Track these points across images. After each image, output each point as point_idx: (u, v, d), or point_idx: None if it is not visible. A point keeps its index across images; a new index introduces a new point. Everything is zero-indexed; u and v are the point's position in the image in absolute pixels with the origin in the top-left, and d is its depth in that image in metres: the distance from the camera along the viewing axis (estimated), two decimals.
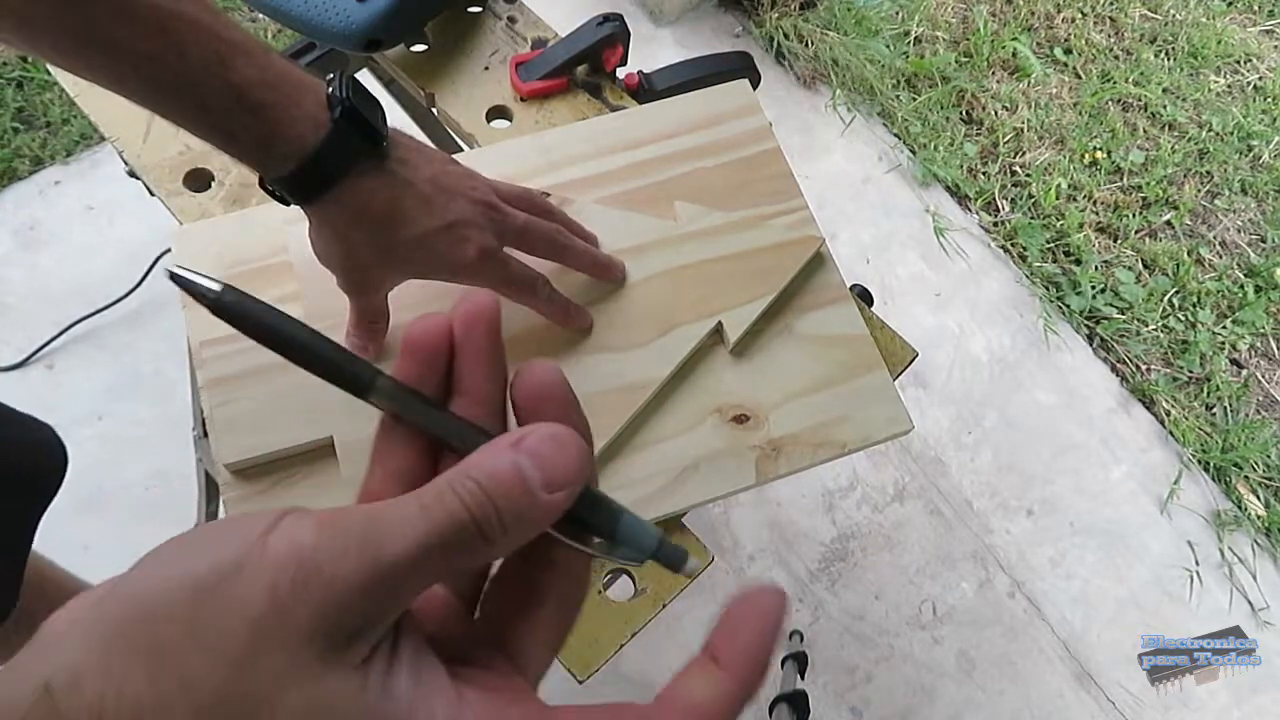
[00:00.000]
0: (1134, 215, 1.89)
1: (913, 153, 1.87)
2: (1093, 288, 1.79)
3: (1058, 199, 1.87)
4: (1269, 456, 1.69)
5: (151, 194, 0.71)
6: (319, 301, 0.63)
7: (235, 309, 0.27)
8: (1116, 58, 2.09)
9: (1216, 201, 1.95)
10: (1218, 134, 2.02)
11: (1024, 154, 1.92)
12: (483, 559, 0.23)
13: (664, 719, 0.24)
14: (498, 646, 0.26)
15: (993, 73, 2.02)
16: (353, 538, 0.21)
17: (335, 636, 0.20)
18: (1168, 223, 1.91)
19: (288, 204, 0.53)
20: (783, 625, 0.26)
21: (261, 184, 0.52)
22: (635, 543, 0.26)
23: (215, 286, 0.27)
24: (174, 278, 0.27)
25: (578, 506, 0.25)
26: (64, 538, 1.10)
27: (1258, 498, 1.66)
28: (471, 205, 0.55)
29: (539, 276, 0.60)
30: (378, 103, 0.52)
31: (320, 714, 0.20)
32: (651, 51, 1.84)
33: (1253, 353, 1.81)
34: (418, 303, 0.61)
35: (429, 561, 0.21)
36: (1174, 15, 2.17)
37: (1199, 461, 1.67)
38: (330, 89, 0.50)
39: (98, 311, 1.42)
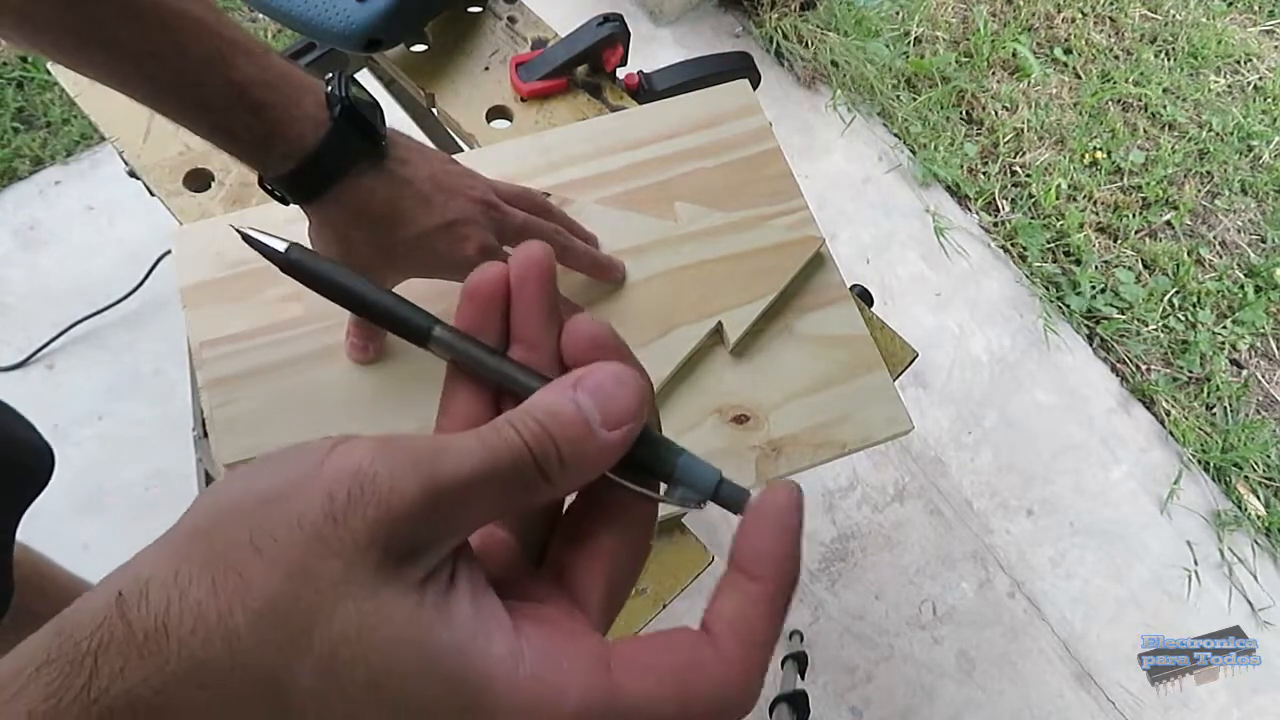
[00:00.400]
0: (1134, 215, 1.89)
1: (913, 153, 1.87)
2: (1093, 288, 1.79)
3: (1058, 199, 1.87)
4: (1269, 456, 1.69)
5: (151, 194, 0.71)
6: (318, 302, 0.63)
7: (302, 266, 0.28)
8: (1116, 58, 2.09)
9: (1216, 201, 1.95)
10: (1218, 134, 2.02)
11: (1024, 154, 1.92)
12: (543, 497, 0.23)
13: (714, 639, 0.24)
14: (560, 591, 0.25)
15: (993, 73, 2.02)
16: (410, 457, 0.21)
17: (391, 550, 0.20)
18: (1168, 223, 1.91)
19: (287, 203, 0.53)
20: (802, 514, 0.26)
21: (261, 183, 0.52)
22: (694, 483, 0.26)
23: (282, 245, 0.28)
24: (245, 238, 0.29)
25: (637, 448, 0.25)
26: (64, 538, 1.10)
27: (1258, 498, 1.66)
28: (471, 204, 0.55)
29: None
30: (376, 103, 0.52)
31: (374, 627, 0.20)
32: (651, 51, 1.84)
33: (1253, 353, 1.82)
34: (418, 299, 0.61)
35: (487, 491, 0.22)
36: (1174, 15, 2.17)
37: (1199, 461, 1.67)
38: (329, 89, 0.50)
39: (98, 312, 1.42)
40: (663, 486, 0.26)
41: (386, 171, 0.52)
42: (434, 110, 0.80)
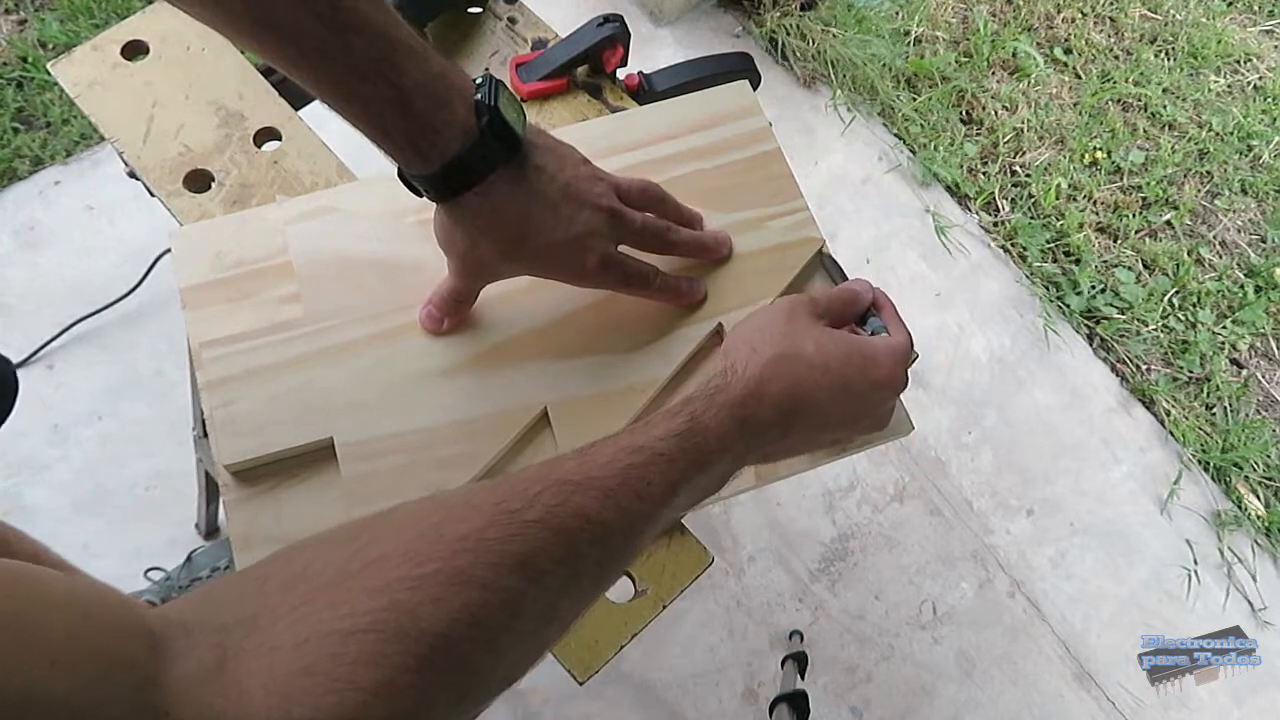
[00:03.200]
0: (1134, 215, 1.89)
1: (913, 153, 1.87)
2: (1093, 288, 1.79)
3: (1058, 199, 1.87)
4: (1269, 456, 1.69)
5: (151, 194, 0.71)
6: (318, 302, 0.64)
7: None
8: (1116, 58, 2.09)
9: (1216, 201, 1.95)
10: (1218, 134, 2.02)
11: (1024, 154, 1.92)
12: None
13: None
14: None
15: (993, 73, 2.02)
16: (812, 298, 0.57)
17: (816, 317, 0.56)
18: (1168, 223, 1.91)
19: (421, 195, 0.55)
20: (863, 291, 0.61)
21: (401, 175, 0.55)
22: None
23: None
24: None
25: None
26: (64, 537, 1.10)
27: (1258, 498, 1.66)
28: (596, 213, 0.57)
29: (651, 270, 0.62)
30: (520, 105, 0.54)
31: (828, 337, 0.54)
32: (651, 52, 1.84)
33: (1253, 353, 1.82)
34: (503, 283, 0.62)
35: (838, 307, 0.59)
36: (1174, 15, 2.17)
37: (1199, 461, 1.67)
38: (479, 95, 0.52)
39: (98, 311, 1.42)
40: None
41: (522, 181, 0.54)
42: None
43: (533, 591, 0.38)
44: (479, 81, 0.52)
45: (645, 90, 0.81)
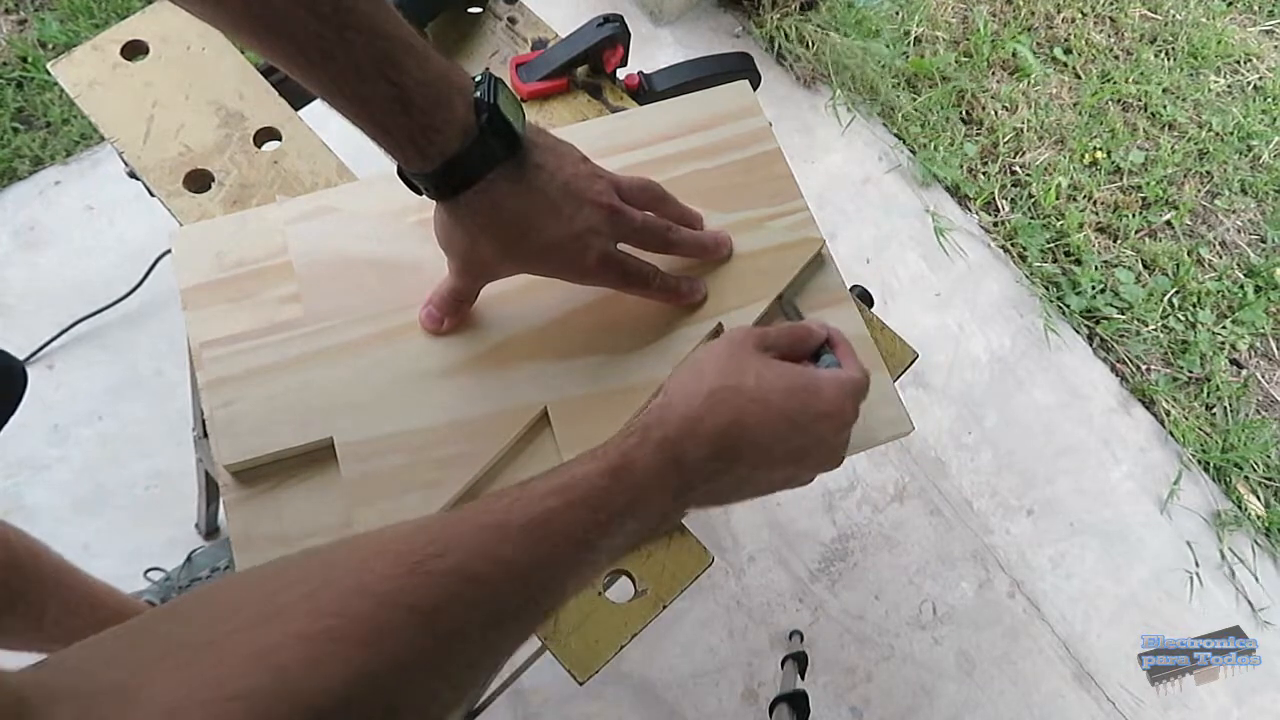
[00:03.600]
0: (1134, 215, 1.89)
1: (913, 153, 1.87)
2: (1093, 288, 1.79)
3: (1058, 199, 1.87)
4: (1269, 456, 1.69)
5: (151, 194, 0.71)
6: (318, 302, 0.63)
7: None
8: (1116, 58, 2.09)
9: (1216, 201, 1.95)
10: (1218, 134, 2.02)
11: (1024, 154, 1.92)
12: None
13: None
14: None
15: (993, 73, 2.02)
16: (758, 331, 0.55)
17: (760, 349, 0.52)
18: (1168, 223, 1.91)
19: (420, 193, 0.55)
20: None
21: (400, 173, 0.55)
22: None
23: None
24: None
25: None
26: (64, 537, 1.10)
27: (1258, 498, 1.66)
28: (596, 211, 0.57)
29: (651, 269, 0.62)
30: (519, 103, 0.54)
31: (770, 370, 0.51)
32: (651, 52, 1.84)
33: (1253, 353, 1.82)
34: (503, 283, 0.62)
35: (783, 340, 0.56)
36: (1174, 15, 2.17)
37: (1199, 461, 1.67)
38: (478, 93, 0.52)
39: (98, 311, 1.42)
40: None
41: (522, 179, 0.54)
42: None
43: (441, 646, 0.36)
44: (478, 80, 0.52)
45: (645, 90, 0.81)
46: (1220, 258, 1.89)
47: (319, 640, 0.32)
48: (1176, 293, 1.82)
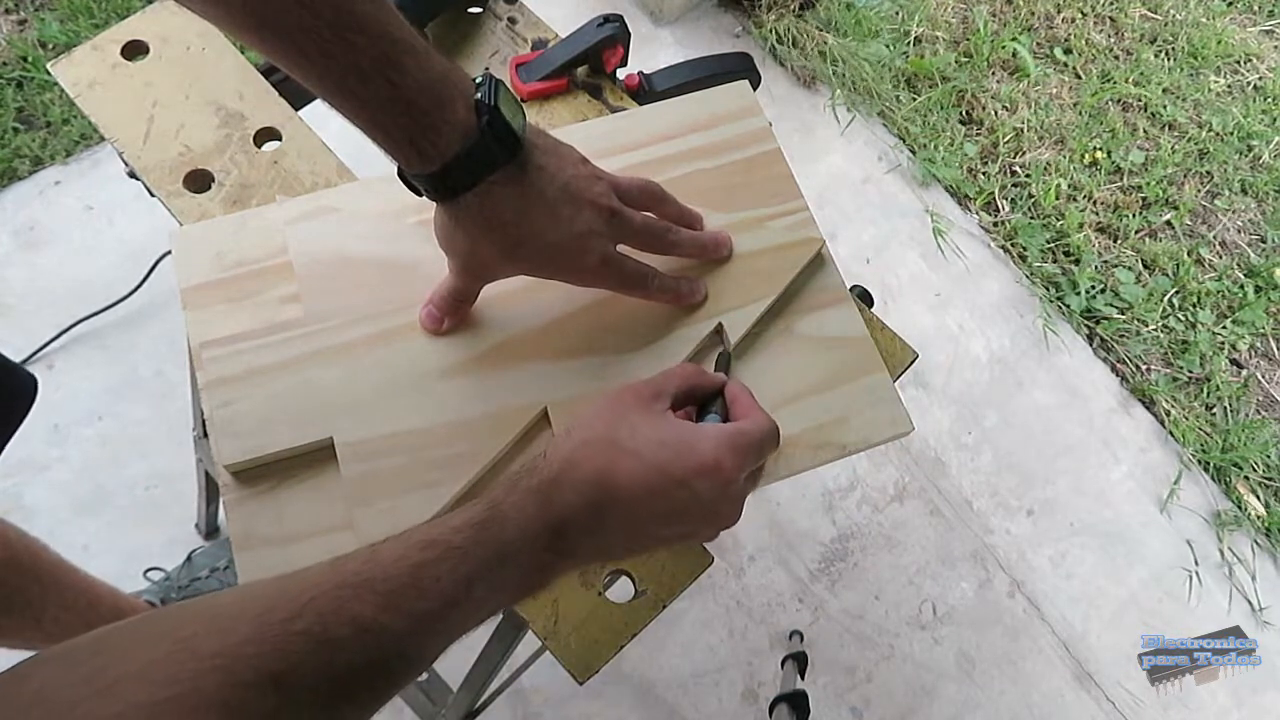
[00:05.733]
0: (1134, 215, 1.89)
1: (912, 153, 1.87)
2: (1092, 288, 1.79)
3: (1058, 199, 1.87)
4: (1269, 456, 1.69)
5: (151, 194, 0.71)
6: (318, 302, 0.63)
7: None
8: (1116, 58, 2.09)
9: (1216, 201, 1.95)
10: (1218, 134, 2.02)
11: (1024, 154, 1.92)
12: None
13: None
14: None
15: (992, 73, 2.02)
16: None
17: (647, 402, 0.51)
18: (1168, 223, 1.91)
19: (420, 194, 0.55)
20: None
21: (400, 174, 0.55)
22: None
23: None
24: None
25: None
26: (64, 537, 1.10)
27: (1258, 498, 1.66)
28: (595, 213, 0.57)
29: (650, 271, 0.62)
30: (520, 105, 0.54)
31: (648, 421, 0.49)
32: (651, 52, 1.84)
33: (1253, 353, 1.82)
34: (503, 283, 0.62)
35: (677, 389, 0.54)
36: (1174, 15, 2.17)
37: (1199, 461, 1.67)
38: (479, 95, 0.51)
39: (98, 312, 1.42)
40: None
41: (522, 181, 0.54)
42: None
43: (292, 713, 0.35)
44: (479, 81, 0.52)
45: (645, 90, 0.81)
46: (1220, 258, 1.89)
47: (166, 710, 0.31)
48: (1176, 293, 1.82)
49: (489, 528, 0.43)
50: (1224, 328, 1.81)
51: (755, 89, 0.77)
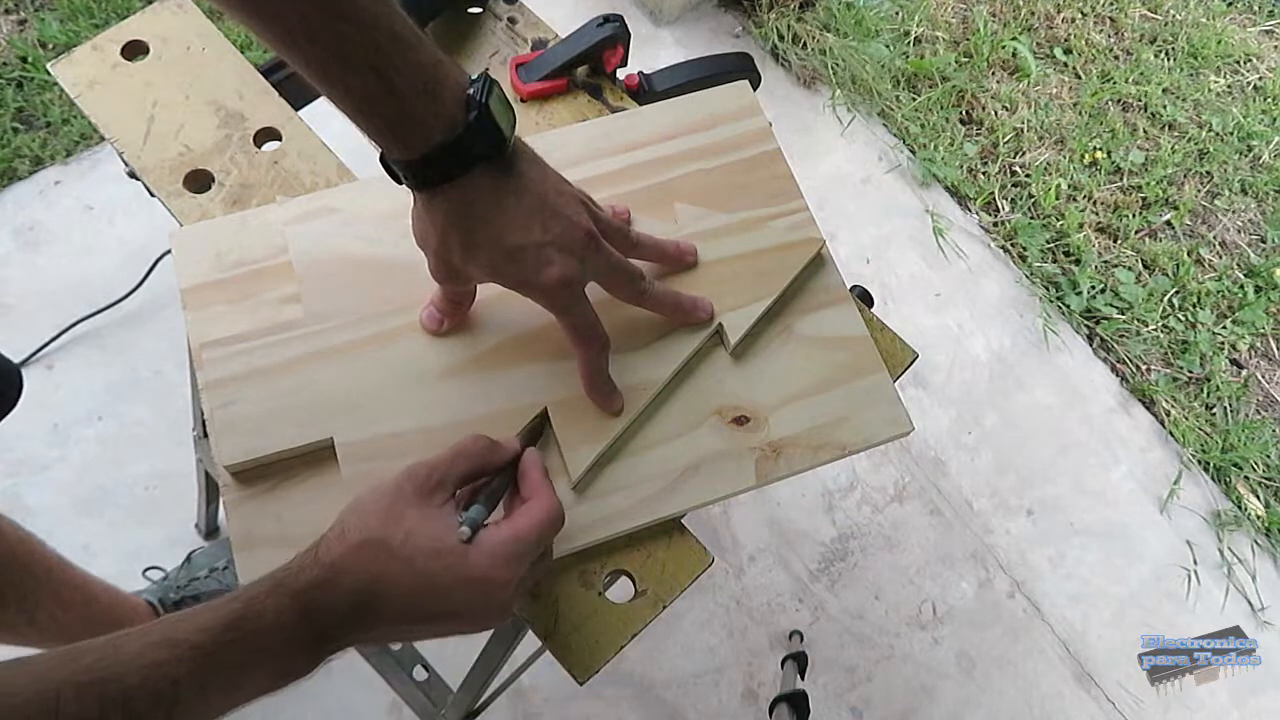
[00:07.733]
0: (1134, 215, 1.89)
1: (912, 153, 1.87)
2: (1092, 288, 1.79)
3: (1058, 199, 1.87)
4: (1269, 456, 1.69)
5: (151, 195, 0.71)
6: (318, 302, 0.63)
7: None
8: (1116, 58, 2.09)
9: (1216, 201, 1.95)
10: (1218, 134, 2.02)
11: (1024, 154, 1.92)
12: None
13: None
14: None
15: (992, 73, 2.02)
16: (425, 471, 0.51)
17: (422, 496, 0.49)
18: (1168, 223, 1.91)
19: (400, 183, 0.54)
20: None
21: (382, 160, 0.54)
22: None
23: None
24: None
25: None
26: (64, 537, 1.10)
27: (1257, 498, 1.66)
28: (571, 229, 0.55)
29: (605, 339, 0.60)
30: (512, 109, 0.53)
31: (423, 527, 0.48)
32: (651, 51, 1.84)
33: (1253, 353, 1.82)
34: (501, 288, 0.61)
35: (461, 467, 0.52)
36: (1174, 15, 2.17)
37: (1199, 461, 1.67)
38: (471, 90, 0.51)
39: (98, 312, 1.42)
40: None
41: (501, 180, 0.53)
42: None
43: None
44: (475, 78, 0.52)
45: (645, 90, 0.81)
46: (1220, 258, 1.89)
47: None
48: (1176, 293, 1.82)
49: (240, 628, 0.42)
50: (1224, 328, 1.81)
51: (755, 89, 0.77)
